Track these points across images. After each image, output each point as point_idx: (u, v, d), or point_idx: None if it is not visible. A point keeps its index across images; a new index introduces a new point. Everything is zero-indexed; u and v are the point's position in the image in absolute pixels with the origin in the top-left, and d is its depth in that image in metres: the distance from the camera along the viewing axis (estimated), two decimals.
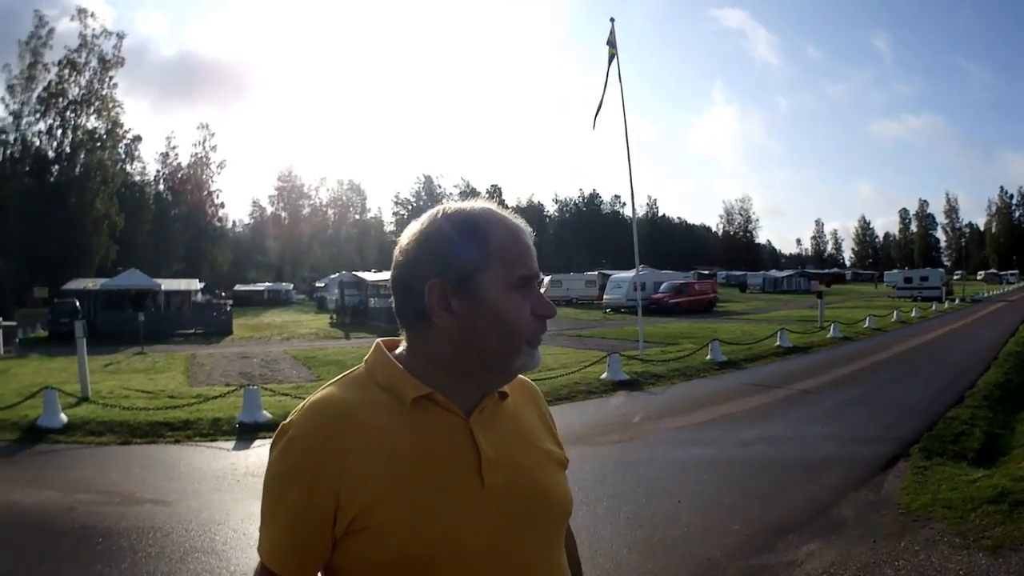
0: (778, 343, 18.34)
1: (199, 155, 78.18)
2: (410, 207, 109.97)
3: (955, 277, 79.50)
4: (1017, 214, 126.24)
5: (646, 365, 14.63)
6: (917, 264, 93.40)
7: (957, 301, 44.87)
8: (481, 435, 1.14)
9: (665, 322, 30.19)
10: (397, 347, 1.22)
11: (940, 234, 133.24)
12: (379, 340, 1.23)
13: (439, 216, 1.16)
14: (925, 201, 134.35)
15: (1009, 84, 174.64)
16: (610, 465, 7.36)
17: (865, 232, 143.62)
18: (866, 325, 24.48)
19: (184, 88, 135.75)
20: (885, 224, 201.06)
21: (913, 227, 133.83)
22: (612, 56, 16.96)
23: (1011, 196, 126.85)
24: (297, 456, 1.08)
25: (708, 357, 15.58)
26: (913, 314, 30.77)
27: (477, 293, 1.11)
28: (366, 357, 1.21)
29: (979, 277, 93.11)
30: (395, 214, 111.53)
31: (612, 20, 17.33)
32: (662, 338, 21.73)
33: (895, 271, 63.83)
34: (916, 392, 11.32)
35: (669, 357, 15.84)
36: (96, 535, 5.55)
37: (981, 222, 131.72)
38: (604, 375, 13.00)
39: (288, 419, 1.13)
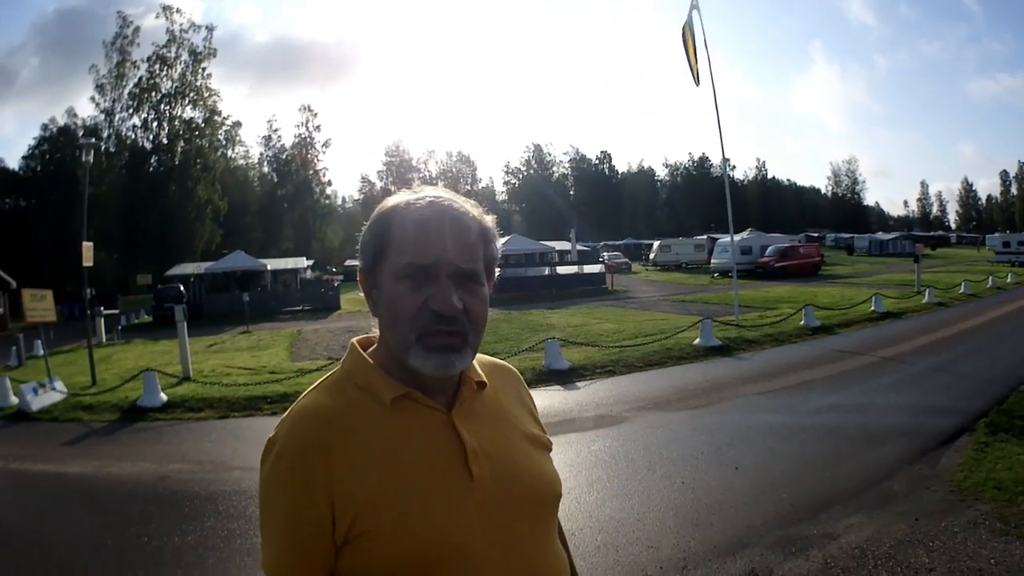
0: (872, 308, 16.91)
1: (303, 136, 71.68)
2: (521, 176, 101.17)
3: None
4: None
5: (740, 331, 13.89)
6: (1018, 227, 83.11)
7: None
8: (464, 428, 1.05)
9: (768, 286, 28.56)
10: (372, 343, 1.14)
11: None
12: (354, 340, 1.15)
13: (377, 209, 1.10)
14: (1023, 163, 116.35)
15: None
16: (680, 431, 7.07)
17: (968, 194, 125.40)
18: (961, 291, 21.95)
19: (282, 71, 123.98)
20: (987, 186, 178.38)
21: (1013, 189, 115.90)
22: (692, 9, 15.73)
23: None
24: (285, 469, 0.99)
25: (802, 322, 14.62)
26: (1008, 280, 27.18)
27: (380, 283, 1.05)
28: (343, 359, 1.12)
29: None
30: (506, 183, 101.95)
31: None
32: (763, 303, 20.45)
33: (995, 234, 57.27)
34: (998, 362, 10.03)
35: (764, 322, 14.99)
36: (185, 499, 5.59)
37: None
38: (697, 341, 12.44)
39: (274, 432, 1.04)
